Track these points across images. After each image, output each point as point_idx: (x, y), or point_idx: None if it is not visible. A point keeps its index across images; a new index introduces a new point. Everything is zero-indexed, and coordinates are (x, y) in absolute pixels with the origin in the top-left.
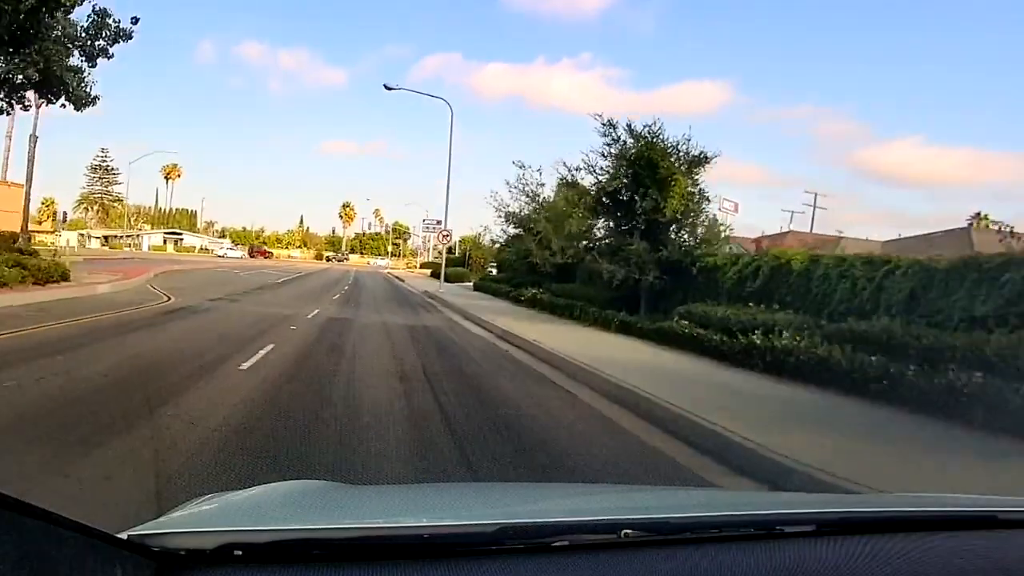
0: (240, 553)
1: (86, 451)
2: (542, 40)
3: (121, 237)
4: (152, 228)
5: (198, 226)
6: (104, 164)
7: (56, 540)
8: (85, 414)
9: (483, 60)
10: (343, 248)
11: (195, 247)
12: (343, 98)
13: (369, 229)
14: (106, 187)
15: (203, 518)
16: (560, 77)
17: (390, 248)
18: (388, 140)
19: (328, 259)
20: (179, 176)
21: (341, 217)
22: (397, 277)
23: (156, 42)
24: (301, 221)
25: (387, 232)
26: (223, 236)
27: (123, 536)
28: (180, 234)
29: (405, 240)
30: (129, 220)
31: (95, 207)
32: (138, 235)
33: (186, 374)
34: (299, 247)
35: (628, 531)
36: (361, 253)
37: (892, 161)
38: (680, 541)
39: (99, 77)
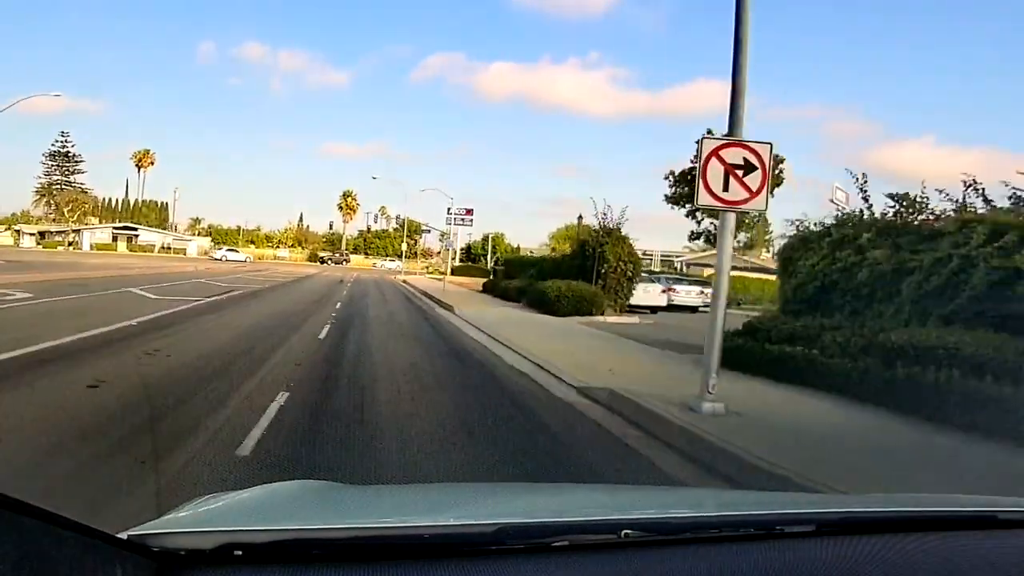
0: (240, 553)
1: None
2: (548, 40)
3: (57, 233)
4: (102, 223)
5: (170, 220)
6: (64, 150)
7: (56, 540)
8: None
9: (487, 60)
10: (343, 247)
11: (155, 245)
12: (345, 98)
13: (375, 223)
14: (66, 176)
15: (203, 518)
16: (566, 77)
17: (404, 246)
18: (390, 140)
19: (323, 260)
20: (152, 163)
21: (341, 209)
22: (428, 295)
23: (152, 37)
24: (301, 219)
25: (398, 228)
26: (208, 234)
27: (123, 536)
28: (135, 229)
29: (420, 238)
30: (63, 212)
31: (55, 199)
32: (79, 231)
33: None
34: (292, 246)
35: (628, 531)
36: (366, 253)
37: (903, 160)
38: (680, 541)
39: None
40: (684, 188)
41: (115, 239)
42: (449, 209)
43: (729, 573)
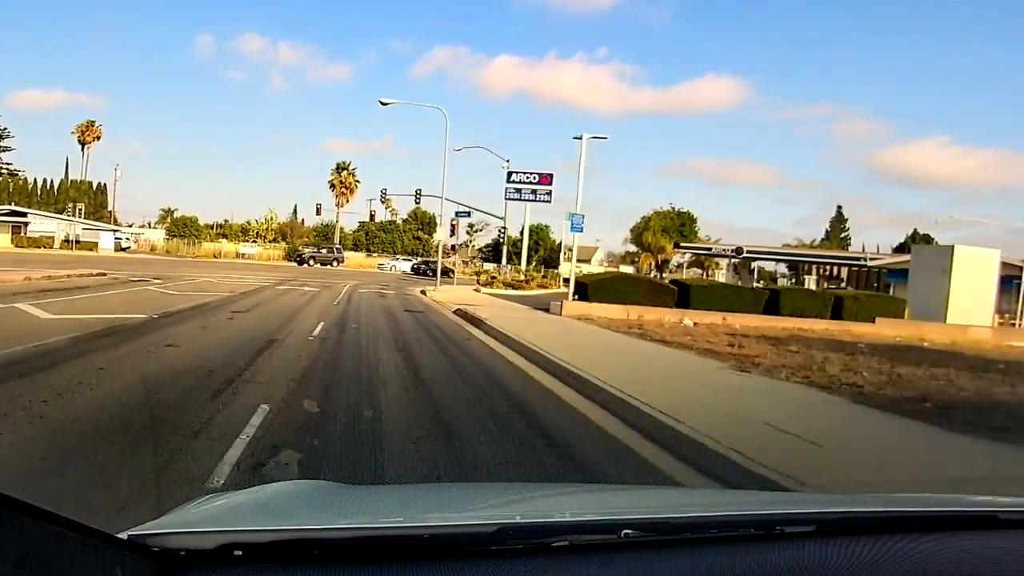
0: (240, 553)
1: None
2: (554, 35)
3: None
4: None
5: (109, 207)
6: None
7: (56, 540)
8: None
9: (491, 54)
10: (337, 240)
11: (54, 237)
12: (345, 93)
13: (381, 204)
14: None
15: (203, 518)
16: (572, 72)
17: (441, 233)
18: (391, 137)
19: (302, 260)
20: (98, 138)
21: (333, 188)
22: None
23: (148, 29)
24: (295, 212)
25: (407, 219)
26: (171, 225)
27: (123, 536)
28: (23, 215)
29: (456, 223)
30: None
31: None
32: None
33: None
34: (275, 240)
35: (628, 531)
36: (368, 249)
37: (914, 162)
38: (680, 541)
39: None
40: None
41: None
42: (510, 175)
43: (729, 573)
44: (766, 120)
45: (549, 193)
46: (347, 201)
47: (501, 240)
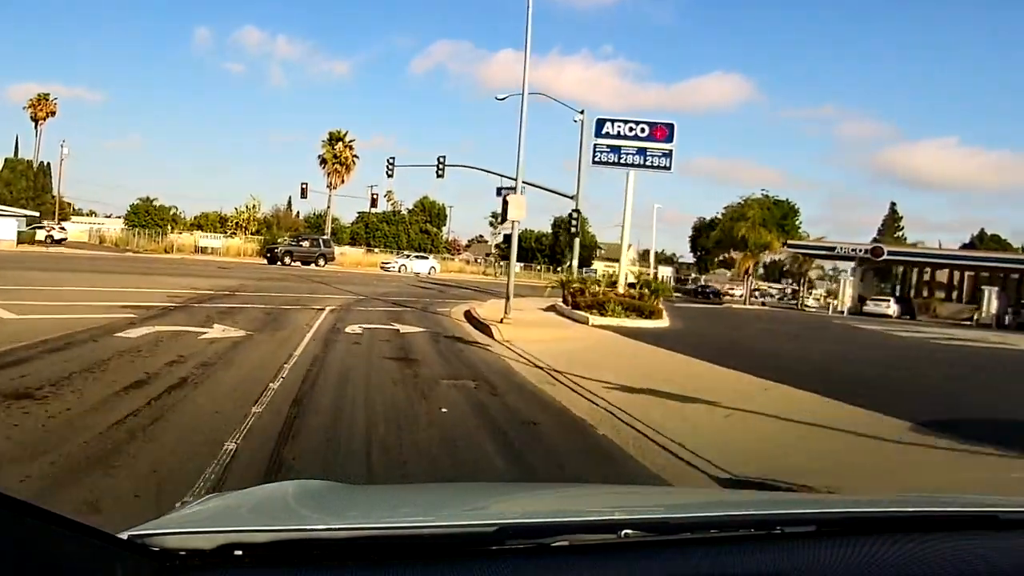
0: (240, 553)
1: None
2: (558, 31)
3: None
4: None
5: (54, 191)
6: None
7: (56, 540)
8: None
9: (492, 49)
10: (327, 229)
11: None
12: (345, 89)
13: (388, 176)
14: None
15: (203, 518)
16: (576, 69)
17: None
18: (392, 135)
19: (275, 257)
20: (53, 113)
21: (324, 164)
22: None
23: (145, 23)
24: (289, 204)
25: (413, 210)
26: (140, 215)
27: (123, 536)
28: None
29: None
30: None
31: None
32: None
33: None
34: (259, 231)
35: (628, 531)
36: (367, 245)
37: (918, 164)
38: (680, 541)
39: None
40: None
41: None
42: (601, 126)
43: (729, 573)
44: (770, 120)
45: (668, 155)
46: (342, 182)
47: (574, 229)
